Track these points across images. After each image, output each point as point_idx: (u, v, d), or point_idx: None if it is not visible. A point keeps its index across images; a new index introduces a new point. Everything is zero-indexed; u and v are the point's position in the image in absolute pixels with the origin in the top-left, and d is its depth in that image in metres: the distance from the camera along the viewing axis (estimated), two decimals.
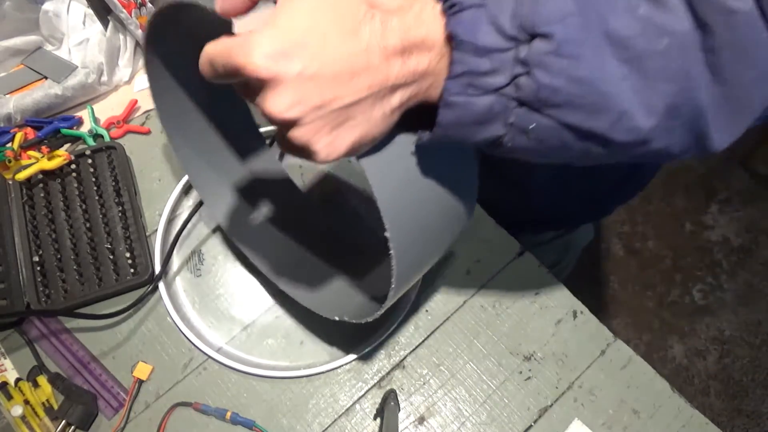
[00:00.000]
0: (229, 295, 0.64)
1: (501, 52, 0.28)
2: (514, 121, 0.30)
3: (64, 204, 0.67)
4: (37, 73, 0.77)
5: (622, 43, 0.28)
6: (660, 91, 0.29)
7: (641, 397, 0.58)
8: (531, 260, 0.65)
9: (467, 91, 0.29)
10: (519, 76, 0.28)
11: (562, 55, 0.28)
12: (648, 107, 0.29)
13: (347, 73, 0.28)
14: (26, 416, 0.55)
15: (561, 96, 0.29)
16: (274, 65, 0.27)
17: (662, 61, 0.28)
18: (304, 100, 0.28)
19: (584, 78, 0.28)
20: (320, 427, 0.57)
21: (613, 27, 0.28)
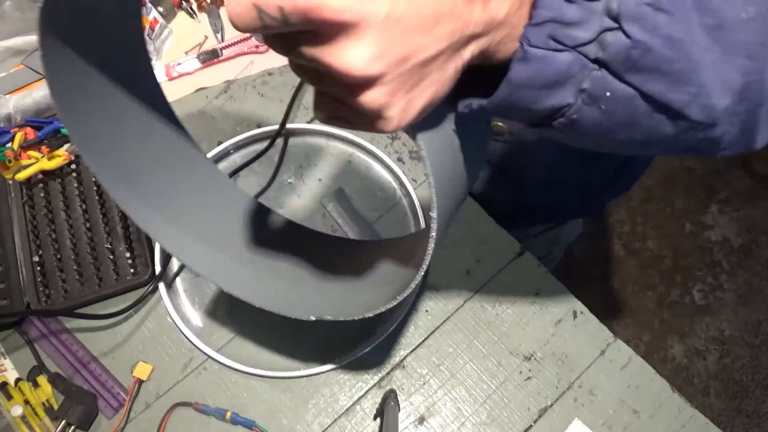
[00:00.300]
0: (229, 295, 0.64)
1: (591, 0, 0.25)
2: (588, 87, 0.27)
3: (64, 204, 0.67)
4: (37, 73, 0.77)
5: (708, 9, 0.26)
6: (739, 67, 0.27)
7: (641, 397, 0.58)
8: (531, 260, 0.65)
9: (548, 43, 0.26)
10: (605, 32, 0.26)
11: (661, 9, 0.25)
12: (725, 84, 0.27)
13: (432, 16, 0.24)
14: (26, 416, 0.55)
15: (652, 58, 0.26)
16: (358, 4, 0.22)
17: (744, 34, 0.26)
18: (389, 51, 0.23)
19: (680, 40, 0.25)
20: (320, 427, 0.57)
21: None
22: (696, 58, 0.26)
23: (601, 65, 0.26)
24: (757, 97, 0.28)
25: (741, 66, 0.27)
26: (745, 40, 0.26)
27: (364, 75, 0.23)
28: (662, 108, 0.27)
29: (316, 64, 0.24)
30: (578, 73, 0.26)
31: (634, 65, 0.26)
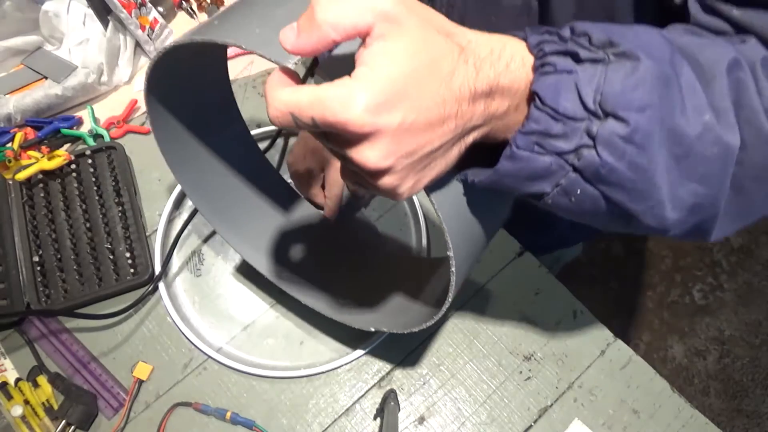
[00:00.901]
0: (229, 295, 0.64)
1: (575, 121, 0.29)
2: (563, 184, 0.31)
3: (64, 204, 0.67)
4: (37, 73, 0.77)
5: (680, 140, 0.30)
6: (692, 191, 0.32)
7: (641, 397, 0.58)
8: (531, 260, 0.65)
9: (533, 148, 0.30)
10: (583, 147, 0.30)
11: (631, 142, 0.29)
12: (677, 202, 0.32)
13: (438, 118, 0.28)
14: (26, 416, 0.55)
15: (616, 176, 0.30)
16: (376, 119, 0.26)
17: (706, 166, 0.31)
18: (399, 150, 0.28)
19: (642, 167, 0.30)
20: (320, 427, 0.57)
21: (678, 123, 0.30)
22: (656, 180, 0.31)
23: (576, 170, 0.31)
24: (708, 214, 0.34)
25: (694, 190, 0.32)
26: (704, 172, 0.31)
27: (377, 168, 0.28)
28: (622, 212, 0.33)
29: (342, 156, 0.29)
30: (556, 172, 0.31)
31: (601, 179, 0.30)
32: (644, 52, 0.29)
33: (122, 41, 0.77)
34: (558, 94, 0.29)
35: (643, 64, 0.29)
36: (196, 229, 0.68)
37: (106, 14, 0.76)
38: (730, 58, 0.31)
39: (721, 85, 0.31)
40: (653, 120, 0.29)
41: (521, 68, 0.30)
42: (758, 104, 0.31)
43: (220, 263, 0.65)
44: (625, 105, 0.29)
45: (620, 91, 0.29)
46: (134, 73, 0.80)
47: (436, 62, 0.27)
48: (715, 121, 0.31)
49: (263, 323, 0.62)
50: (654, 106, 0.29)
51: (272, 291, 0.64)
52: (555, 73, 0.29)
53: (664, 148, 0.30)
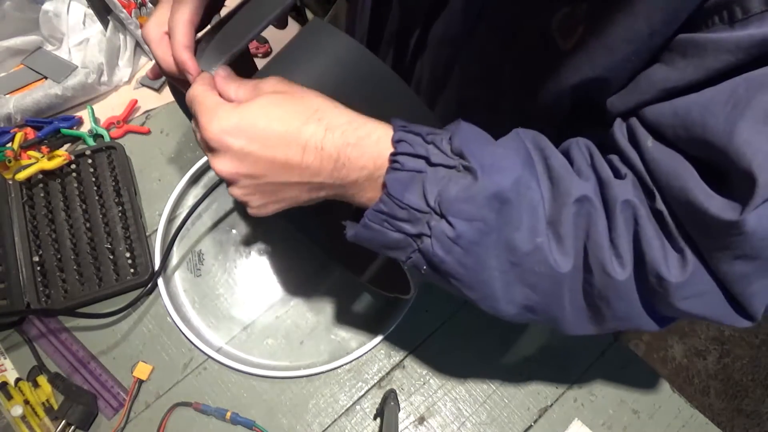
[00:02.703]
0: (229, 295, 0.64)
1: (419, 212, 0.33)
2: (413, 258, 0.36)
3: (64, 204, 0.67)
4: (37, 73, 0.77)
5: (513, 251, 0.34)
6: (523, 294, 0.36)
7: (641, 397, 0.58)
8: None
9: (383, 224, 0.34)
10: (424, 235, 0.34)
11: (457, 244, 0.33)
12: (510, 300, 0.37)
13: (282, 161, 0.33)
14: (26, 416, 0.55)
15: (446, 267, 0.35)
16: (222, 137, 0.33)
17: (535, 278, 0.35)
18: (240, 169, 0.34)
19: (468, 265, 0.34)
20: (320, 427, 0.57)
21: (511, 237, 0.34)
22: (483, 278, 0.35)
23: (419, 252, 0.35)
24: (547, 315, 0.38)
25: (526, 295, 0.36)
26: (534, 282, 0.36)
27: (222, 176, 0.35)
28: (460, 292, 0.37)
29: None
30: (405, 248, 0.35)
31: (436, 266, 0.35)
32: (486, 172, 0.33)
33: (122, 41, 0.77)
34: (405, 188, 0.33)
35: (480, 183, 0.32)
36: (196, 230, 0.68)
37: (106, 14, 0.76)
38: (581, 193, 0.34)
39: (568, 214, 0.34)
40: (480, 232, 0.33)
41: (373, 146, 0.34)
42: (604, 240, 0.34)
43: (220, 263, 0.65)
44: (454, 213, 0.33)
45: (454, 199, 0.33)
46: (134, 73, 0.79)
47: (291, 115, 0.33)
48: (548, 245, 0.34)
49: (263, 323, 0.62)
50: (482, 221, 0.33)
51: (272, 291, 0.64)
52: (402, 170, 0.33)
53: (496, 253, 0.34)
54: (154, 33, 0.41)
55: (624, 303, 0.35)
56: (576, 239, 0.34)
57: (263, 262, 0.66)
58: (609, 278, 0.34)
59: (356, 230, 0.36)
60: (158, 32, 0.41)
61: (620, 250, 0.33)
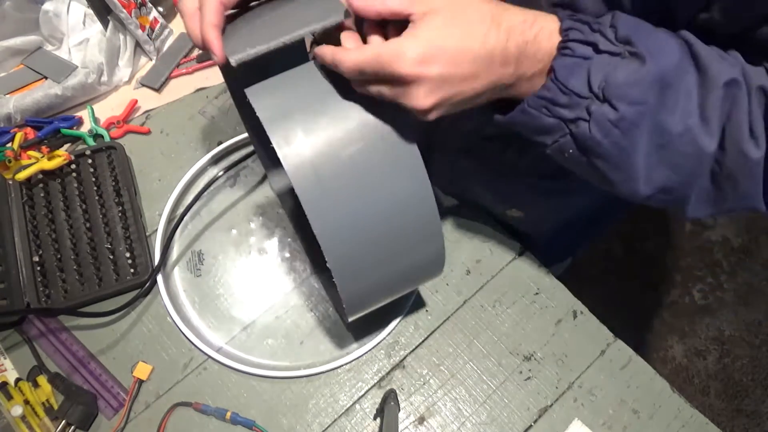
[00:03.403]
0: (229, 295, 0.64)
1: (579, 97, 0.35)
2: (560, 142, 0.38)
3: (64, 204, 0.67)
4: (37, 73, 0.77)
5: (663, 134, 0.36)
6: (664, 175, 0.38)
7: (641, 397, 0.58)
8: (531, 260, 0.65)
9: (541, 110, 0.37)
10: (581, 120, 0.36)
11: (617, 127, 0.35)
12: (650, 181, 0.38)
13: (473, 74, 0.35)
14: (26, 416, 0.55)
15: (600, 150, 0.37)
16: (419, 68, 0.34)
17: (680, 159, 0.37)
18: (438, 94, 0.35)
19: (624, 147, 0.36)
20: (320, 427, 0.57)
21: (664, 120, 0.35)
22: (632, 161, 0.37)
23: (571, 135, 0.37)
24: (681, 197, 0.40)
25: (666, 175, 0.38)
26: (678, 163, 0.37)
27: (423, 107, 0.36)
28: (602, 176, 0.39)
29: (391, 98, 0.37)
30: (556, 132, 0.38)
31: (588, 148, 0.37)
32: (653, 56, 0.34)
33: (122, 41, 0.77)
34: (570, 74, 0.35)
35: (647, 67, 0.34)
36: (195, 229, 0.68)
37: (106, 14, 0.76)
38: (730, 77, 0.35)
39: (716, 97, 0.35)
40: (641, 115, 0.35)
41: (547, 41, 0.36)
42: (744, 122, 0.35)
43: (220, 263, 0.65)
44: (619, 96, 0.34)
45: (620, 84, 0.34)
46: (134, 73, 0.79)
47: (471, 28, 0.34)
48: (698, 126, 0.36)
49: (263, 323, 0.62)
50: (645, 104, 0.35)
51: (272, 291, 0.64)
52: (572, 56, 0.35)
53: (648, 136, 0.36)
54: (190, 6, 0.40)
55: (752, 183, 0.37)
56: (720, 120, 0.36)
57: (263, 262, 0.66)
58: (743, 157, 0.36)
59: (511, 115, 0.38)
60: (193, 6, 0.40)
61: (756, 132, 0.35)
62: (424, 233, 0.43)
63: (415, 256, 0.45)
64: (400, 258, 0.44)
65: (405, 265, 0.45)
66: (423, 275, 0.50)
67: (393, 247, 0.43)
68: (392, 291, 0.50)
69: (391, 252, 0.43)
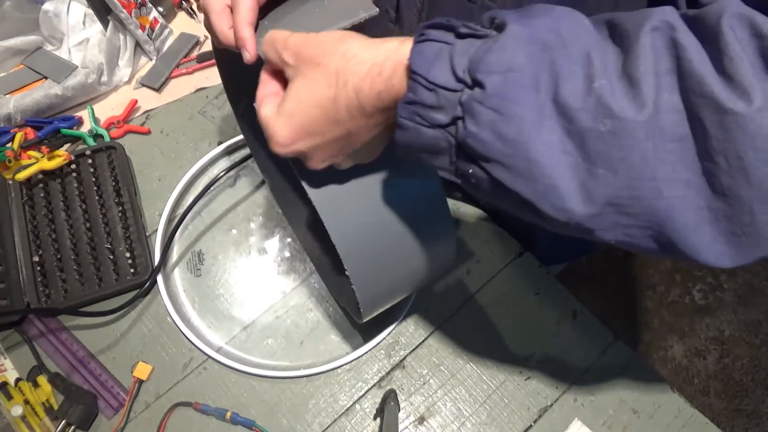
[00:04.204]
0: (229, 295, 0.64)
1: (448, 91, 0.28)
2: (456, 163, 0.30)
3: (64, 204, 0.67)
4: (37, 73, 0.77)
5: (568, 114, 0.26)
6: (602, 181, 0.26)
7: (641, 397, 0.58)
8: (531, 260, 0.65)
9: (414, 119, 0.30)
10: (458, 119, 0.28)
11: (489, 107, 0.27)
12: (586, 192, 0.27)
13: (343, 135, 0.34)
14: (26, 416, 0.55)
15: (487, 150, 0.28)
16: (290, 149, 0.35)
17: (603, 146, 0.26)
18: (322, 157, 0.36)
19: (511, 138, 0.27)
20: (320, 427, 0.57)
21: (562, 93, 0.26)
22: (538, 158, 0.27)
23: (458, 146, 0.29)
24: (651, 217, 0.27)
25: (604, 180, 0.26)
26: (604, 152, 0.26)
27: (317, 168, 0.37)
28: (516, 197, 0.29)
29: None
30: (443, 147, 0.30)
31: (476, 153, 0.28)
32: (519, 20, 0.28)
33: (122, 41, 0.77)
34: (430, 65, 0.28)
35: (509, 29, 0.27)
36: (195, 229, 0.68)
37: (106, 14, 0.76)
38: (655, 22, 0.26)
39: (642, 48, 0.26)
40: (518, 85, 0.26)
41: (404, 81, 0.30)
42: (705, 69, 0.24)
43: (220, 263, 0.65)
44: (484, 67, 0.27)
45: (482, 55, 0.27)
46: (134, 73, 0.79)
47: (319, 95, 0.33)
48: (610, 89, 0.25)
49: (263, 323, 0.62)
50: (520, 70, 0.26)
51: (272, 291, 0.64)
52: (428, 41, 0.29)
53: (553, 122, 0.26)
54: (216, 3, 0.39)
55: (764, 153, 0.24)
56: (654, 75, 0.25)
57: (263, 262, 0.66)
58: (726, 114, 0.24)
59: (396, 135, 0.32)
60: (220, 3, 0.39)
61: (736, 76, 0.24)
62: (435, 231, 0.43)
63: (428, 253, 0.45)
64: (413, 258, 0.44)
65: (418, 263, 0.45)
66: (437, 270, 0.50)
67: (407, 248, 0.43)
68: (406, 289, 0.50)
69: (405, 253, 0.43)
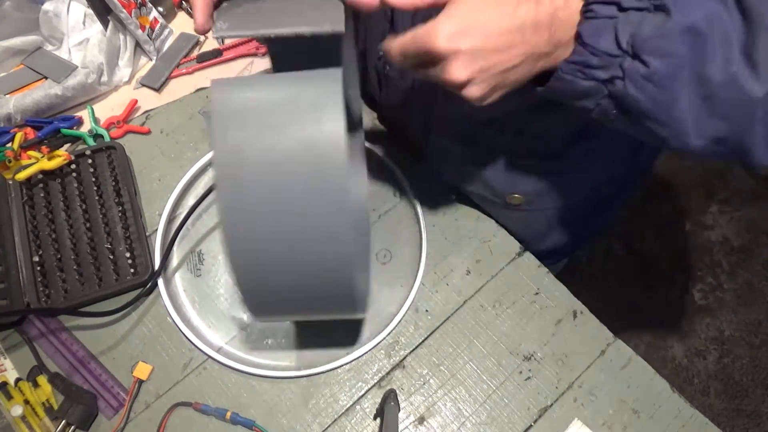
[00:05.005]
0: (229, 295, 0.64)
1: (611, 57, 0.36)
2: (602, 105, 0.38)
3: (64, 204, 0.67)
4: (37, 73, 0.77)
5: (704, 84, 0.35)
6: (715, 126, 0.37)
7: (641, 397, 0.58)
8: (531, 260, 0.65)
9: (576, 74, 0.37)
10: (616, 78, 0.36)
11: (651, 81, 0.35)
12: (701, 133, 0.38)
13: (506, 46, 0.36)
14: (26, 416, 0.55)
15: (639, 107, 0.37)
16: (452, 42, 0.35)
17: (727, 108, 0.36)
18: (474, 67, 0.36)
19: (662, 102, 0.36)
20: (320, 427, 0.57)
21: (703, 70, 0.35)
22: (677, 114, 0.37)
23: (610, 96, 0.38)
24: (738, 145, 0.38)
25: (717, 126, 0.37)
26: (727, 112, 0.36)
27: (460, 81, 0.36)
28: (652, 132, 0.39)
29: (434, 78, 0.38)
30: (596, 94, 0.38)
31: (628, 107, 0.37)
32: (680, 7, 0.34)
33: (122, 41, 0.77)
34: (598, 36, 0.35)
35: (673, 18, 0.34)
36: (196, 230, 0.68)
37: (106, 14, 0.76)
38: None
39: (765, 39, 0.34)
40: (674, 67, 0.35)
41: (577, 5, 0.36)
42: None
43: (220, 263, 0.65)
44: (648, 50, 0.34)
45: (647, 37, 0.34)
46: (134, 73, 0.80)
47: (500, 2, 0.35)
48: (743, 73, 0.34)
49: (263, 323, 0.62)
50: (676, 56, 0.34)
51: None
52: (595, 18, 0.35)
53: (687, 88, 0.35)
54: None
55: None
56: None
57: None
58: None
59: (549, 84, 0.38)
60: None
61: None
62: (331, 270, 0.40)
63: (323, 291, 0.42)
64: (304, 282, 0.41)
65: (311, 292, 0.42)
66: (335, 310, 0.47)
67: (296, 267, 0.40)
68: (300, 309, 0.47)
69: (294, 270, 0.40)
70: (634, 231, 1.66)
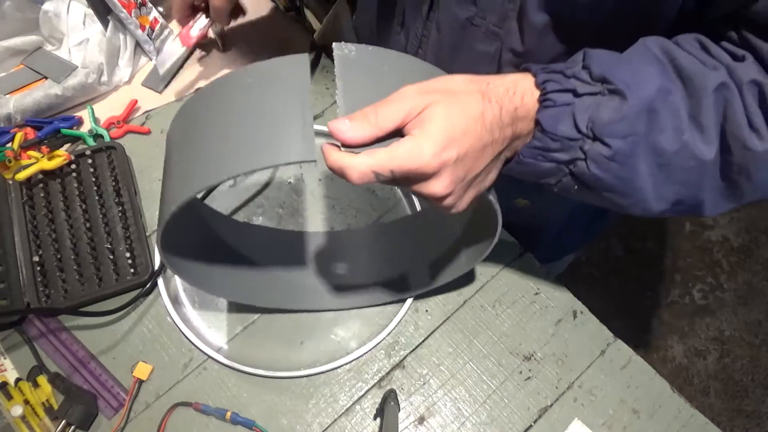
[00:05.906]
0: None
1: (570, 140, 0.38)
2: (563, 182, 0.41)
3: (64, 204, 0.67)
4: (37, 73, 0.77)
5: (662, 155, 0.38)
6: (674, 191, 0.40)
7: (641, 397, 0.58)
8: (531, 260, 0.65)
9: (536, 158, 0.39)
10: (577, 160, 0.39)
11: (614, 160, 0.38)
12: (661, 198, 0.40)
13: (481, 147, 0.37)
14: (26, 416, 0.55)
15: (602, 184, 0.39)
16: (440, 158, 0.35)
17: (684, 174, 0.39)
18: (456, 178, 0.37)
19: (625, 177, 0.39)
20: (320, 427, 0.57)
21: (659, 141, 0.37)
22: (637, 185, 0.39)
23: (572, 175, 0.40)
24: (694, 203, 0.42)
25: (676, 190, 0.40)
26: (683, 178, 0.39)
27: (443, 195, 0.37)
28: (612, 202, 0.41)
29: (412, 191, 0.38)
30: (556, 174, 0.41)
31: (591, 184, 0.40)
32: (632, 89, 0.36)
33: (122, 41, 0.77)
34: (556, 122, 0.37)
35: (629, 102, 0.36)
36: None
37: (106, 14, 0.76)
38: (717, 81, 0.36)
39: (708, 104, 0.37)
40: (634, 144, 0.37)
41: (531, 99, 0.38)
42: (742, 119, 0.37)
43: None
44: (609, 133, 0.37)
45: (607, 122, 0.36)
46: (134, 73, 0.79)
47: (468, 110, 0.36)
48: (694, 139, 0.37)
49: (263, 323, 0.62)
50: (636, 135, 0.37)
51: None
52: (554, 107, 0.37)
53: (646, 160, 0.38)
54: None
55: (764, 173, 0.38)
56: (716, 125, 0.37)
57: None
58: (749, 152, 0.37)
59: (508, 167, 0.41)
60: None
61: (756, 125, 0.36)
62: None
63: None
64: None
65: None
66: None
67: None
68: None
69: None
70: (634, 231, 1.66)
